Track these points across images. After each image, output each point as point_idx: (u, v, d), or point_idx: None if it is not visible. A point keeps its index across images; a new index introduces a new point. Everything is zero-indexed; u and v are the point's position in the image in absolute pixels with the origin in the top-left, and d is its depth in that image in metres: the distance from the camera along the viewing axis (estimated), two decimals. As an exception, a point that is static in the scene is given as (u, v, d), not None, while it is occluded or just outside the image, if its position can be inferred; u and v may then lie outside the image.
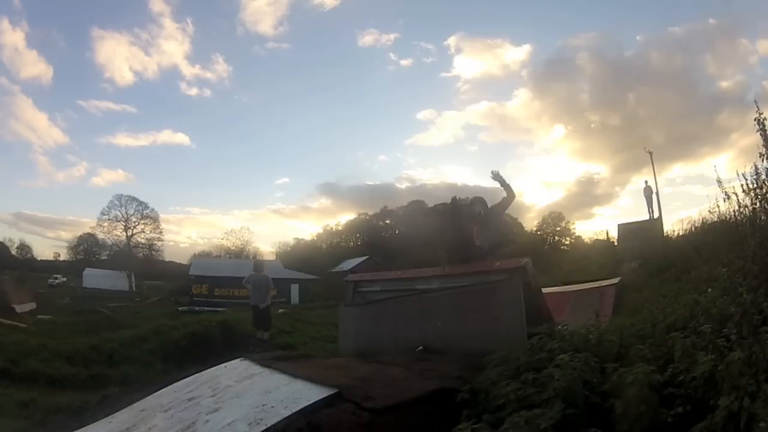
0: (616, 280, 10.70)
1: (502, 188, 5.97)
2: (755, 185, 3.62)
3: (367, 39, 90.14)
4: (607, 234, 28.45)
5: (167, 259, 58.15)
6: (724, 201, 4.11)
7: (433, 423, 2.87)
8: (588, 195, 79.59)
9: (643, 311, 4.57)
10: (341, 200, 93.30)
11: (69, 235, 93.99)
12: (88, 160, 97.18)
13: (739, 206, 4.04)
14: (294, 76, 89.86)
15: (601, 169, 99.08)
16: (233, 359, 5.03)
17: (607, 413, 2.31)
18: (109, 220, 49.24)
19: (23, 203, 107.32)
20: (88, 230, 56.70)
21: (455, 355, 4.13)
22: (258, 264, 10.31)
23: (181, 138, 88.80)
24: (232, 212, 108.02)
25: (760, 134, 3.47)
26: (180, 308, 27.83)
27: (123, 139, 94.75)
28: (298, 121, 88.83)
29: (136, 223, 50.25)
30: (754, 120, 3.49)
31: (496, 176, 5.93)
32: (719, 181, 4.02)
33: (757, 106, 3.47)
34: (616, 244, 20.55)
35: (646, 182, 20.62)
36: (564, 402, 2.36)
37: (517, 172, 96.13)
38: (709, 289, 3.46)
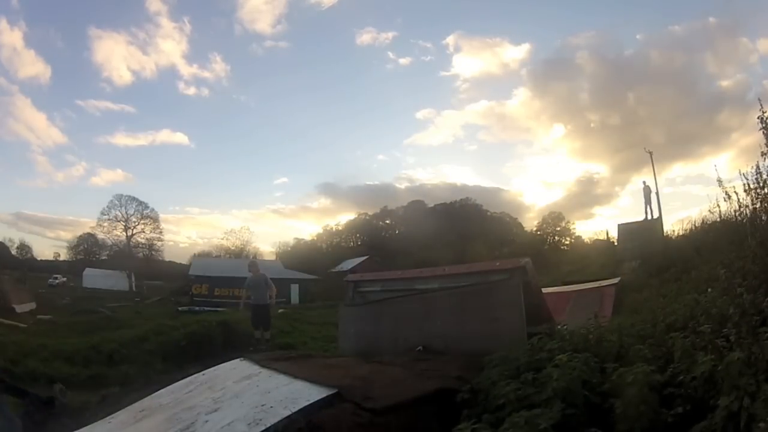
0: (616, 280, 10.70)
1: None
2: (756, 184, 3.61)
3: (365, 37, 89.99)
4: (607, 234, 28.44)
5: (167, 259, 58.17)
6: (725, 201, 4.11)
7: (434, 423, 2.87)
8: (588, 195, 79.55)
9: (643, 311, 4.58)
10: (341, 200, 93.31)
11: (69, 234, 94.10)
12: (87, 159, 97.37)
13: (740, 206, 4.03)
14: (292, 75, 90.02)
15: (601, 168, 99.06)
16: (233, 359, 5.03)
17: (606, 413, 2.31)
18: (109, 220, 49.19)
19: (23, 203, 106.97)
20: (88, 230, 56.76)
21: (455, 355, 4.13)
22: (252, 265, 10.37)
23: (180, 138, 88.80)
24: (231, 212, 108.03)
25: (763, 132, 3.45)
26: (180, 308, 27.81)
27: (122, 139, 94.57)
28: (297, 121, 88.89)
29: (136, 223, 50.23)
30: (758, 118, 3.47)
31: None
32: (719, 181, 4.02)
33: (761, 104, 3.45)
34: (616, 244, 20.53)
35: (644, 182, 20.57)
36: (564, 402, 2.36)
37: (516, 172, 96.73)
38: (709, 290, 3.45)
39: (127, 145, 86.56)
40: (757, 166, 3.60)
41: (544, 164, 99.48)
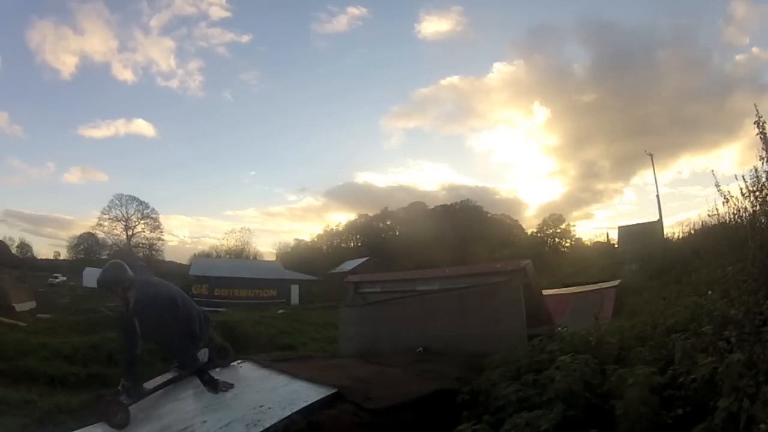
0: (616, 283, 10.69)
1: None
2: (754, 188, 3.62)
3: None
4: (608, 236, 28.60)
5: (167, 259, 58.21)
6: (723, 204, 4.11)
7: (434, 424, 2.87)
8: (588, 191, 78.52)
9: (643, 313, 4.57)
10: (341, 201, 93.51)
11: (63, 233, 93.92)
12: (83, 159, 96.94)
13: (738, 209, 4.05)
14: (292, 75, 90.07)
15: (601, 167, 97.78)
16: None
17: (607, 414, 2.31)
18: (109, 219, 49.35)
19: (12, 200, 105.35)
20: (89, 230, 56.83)
21: (455, 357, 4.13)
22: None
23: (179, 138, 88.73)
24: (231, 213, 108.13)
25: (760, 137, 3.46)
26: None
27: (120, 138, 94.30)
28: (298, 122, 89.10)
29: (137, 223, 50.36)
30: (754, 123, 3.48)
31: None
32: (718, 185, 4.03)
33: (757, 110, 3.46)
34: (616, 246, 20.59)
35: None
36: (565, 403, 2.36)
37: (514, 170, 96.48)
38: (709, 292, 3.46)
39: (126, 143, 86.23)
40: (755, 170, 3.61)
41: (542, 160, 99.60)
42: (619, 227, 20.25)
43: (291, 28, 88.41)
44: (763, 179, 3.54)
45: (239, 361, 4.87)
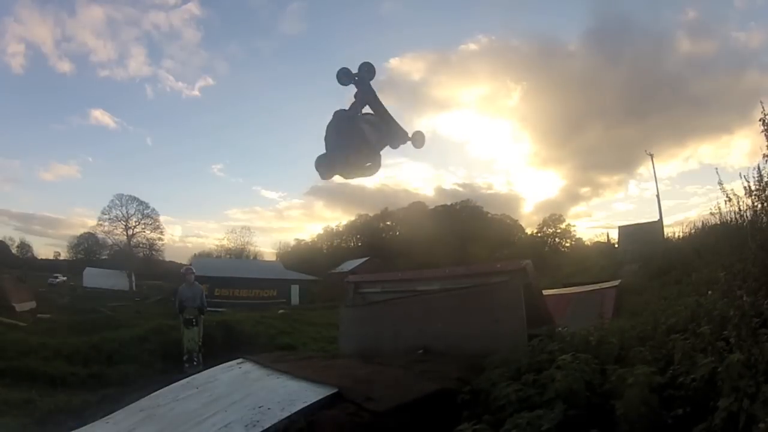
0: (616, 283, 10.68)
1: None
2: (757, 186, 3.60)
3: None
4: (608, 236, 28.59)
5: (168, 259, 58.21)
6: (726, 203, 4.10)
7: (434, 424, 2.87)
8: (588, 184, 77.16)
9: (643, 313, 4.57)
10: (341, 201, 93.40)
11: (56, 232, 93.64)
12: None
13: (740, 208, 4.04)
14: (292, 74, 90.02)
15: (600, 159, 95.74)
16: (233, 359, 5.04)
17: (607, 414, 2.31)
18: (109, 219, 49.32)
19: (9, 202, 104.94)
20: (89, 230, 56.90)
21: (455, 357, 4.12)
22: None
23: (178, 138, 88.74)
24: (231, 213, 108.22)
25: (765, 135, 3.44)
26: (180, 308, 27.81)
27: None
28: (298, 122, 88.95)
29: (137, 223, 50.34)
30: (759, 120, 3.46)
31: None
32: (720, 183, 4.02)
33: (763, 107, 3.43)
34: (616, 246, 20.60)
35: None
36: (565, 403, 2.36)
37: (511, 167, 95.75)
38: (710, 292, 3.45)
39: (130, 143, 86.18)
40: (758, 168, 3.59)
41: (540, 158, 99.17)
42: (619, 227, 20.32)
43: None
44: (766, 178, 3.53)
45: (239, 361, 4.88)
